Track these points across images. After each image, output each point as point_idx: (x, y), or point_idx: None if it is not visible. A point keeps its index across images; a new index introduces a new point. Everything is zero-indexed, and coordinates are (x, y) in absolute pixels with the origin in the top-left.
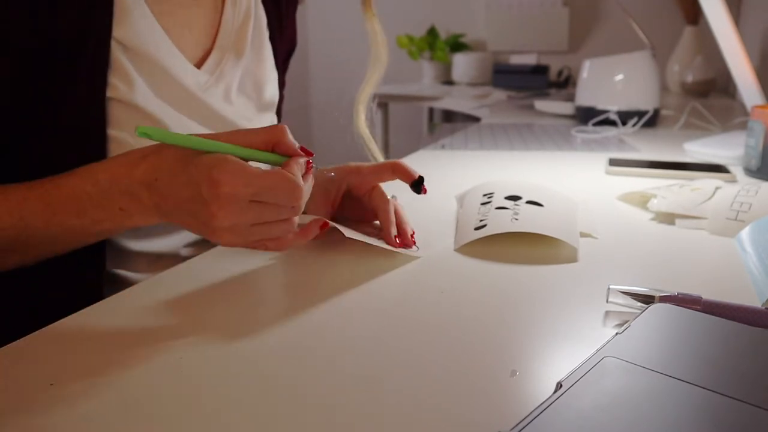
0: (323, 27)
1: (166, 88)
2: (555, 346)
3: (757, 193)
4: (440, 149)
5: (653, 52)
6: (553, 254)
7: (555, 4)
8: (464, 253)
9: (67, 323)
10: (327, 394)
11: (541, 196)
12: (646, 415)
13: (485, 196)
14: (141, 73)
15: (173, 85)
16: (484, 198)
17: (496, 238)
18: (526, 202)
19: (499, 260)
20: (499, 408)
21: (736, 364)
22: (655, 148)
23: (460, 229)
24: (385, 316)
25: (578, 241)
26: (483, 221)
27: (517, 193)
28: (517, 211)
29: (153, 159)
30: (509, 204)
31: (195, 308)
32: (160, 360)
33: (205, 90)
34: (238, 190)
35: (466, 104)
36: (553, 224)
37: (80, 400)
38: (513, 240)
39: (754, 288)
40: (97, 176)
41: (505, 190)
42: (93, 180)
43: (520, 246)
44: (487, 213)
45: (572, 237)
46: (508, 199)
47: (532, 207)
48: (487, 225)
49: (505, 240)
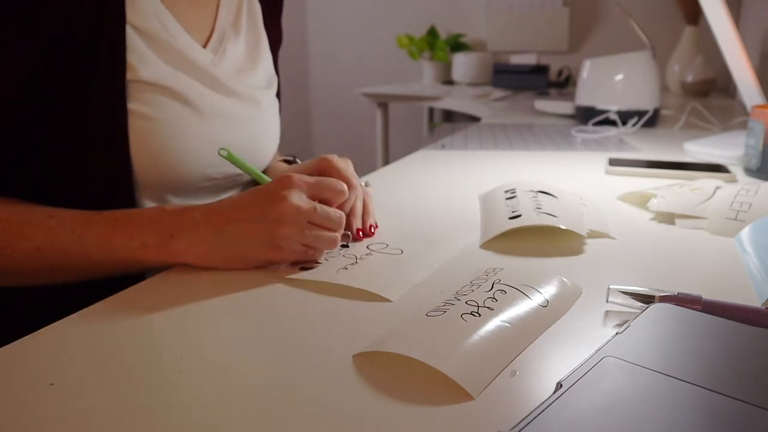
0: (323, 27)
1: (181, 66)
2: (555, 346)
3: (757, 193)
4: (440, 149)
5: (653, 52)
6: (561, 247)
7: (555, 4)
8: (472, 250)
9: (67, 323)
10: (328, 393)
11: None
12: (646, 415)
13: (507, 192)
14: (156, 53)
15: (187, 63)
16: (508, 194)
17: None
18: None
19: (502, 255)
20: (499, 408)
21: (736, 364)
22: (655, 148)
23: (489, 223)
24: (391, 314)
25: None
26: (516, 212)
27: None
28: (539, 202)
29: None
30: (531, 195)
31: (196, 308)
32: (161, 360)
33: (214, 66)
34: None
35: (466, 104)
36: (576, 218)
37: (80, 400)
38: (515, 234)
39: (754, 288)
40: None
41: (525, 187)
42: (158, 210)
43: (523, 241)
44: (517, 205)
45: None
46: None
47: (551, 198)
48: (521, 215)
49: (510, 234)
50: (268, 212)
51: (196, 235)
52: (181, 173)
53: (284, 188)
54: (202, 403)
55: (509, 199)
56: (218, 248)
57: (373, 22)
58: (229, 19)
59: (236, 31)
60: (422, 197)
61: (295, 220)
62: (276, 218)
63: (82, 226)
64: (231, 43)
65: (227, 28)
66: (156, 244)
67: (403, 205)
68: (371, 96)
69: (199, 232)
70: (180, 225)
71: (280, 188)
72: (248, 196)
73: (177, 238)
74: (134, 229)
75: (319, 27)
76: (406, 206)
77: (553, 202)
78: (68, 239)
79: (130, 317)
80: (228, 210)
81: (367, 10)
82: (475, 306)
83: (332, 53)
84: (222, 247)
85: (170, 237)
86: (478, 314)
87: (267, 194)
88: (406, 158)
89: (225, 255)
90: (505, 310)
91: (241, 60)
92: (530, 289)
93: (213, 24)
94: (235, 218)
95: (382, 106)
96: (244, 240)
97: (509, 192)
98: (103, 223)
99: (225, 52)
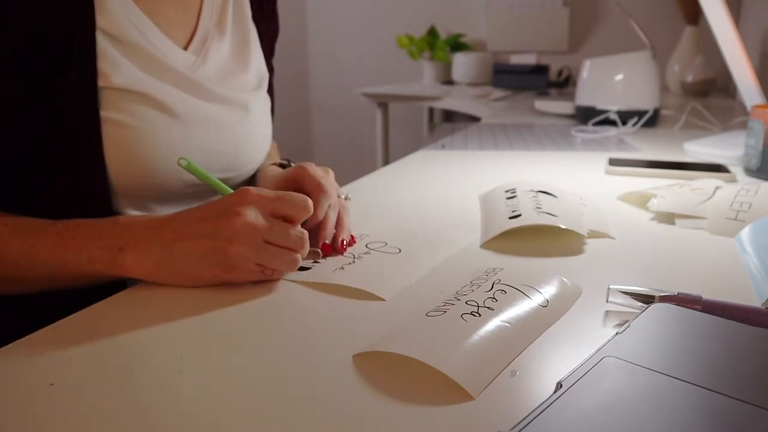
0: (323, 27)
1: (157, 72)
2: (555, 346)
3: (757, 192)
4: (440, 149)
5: (653, 52)
6: (561, 247)
7: (555, 4)
8: (472, 250)
9: (67, 323)
10: (328, 393)
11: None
12: (646, 415)
13: (508, 192)
14: (130, 59)
15: (163, 68)
16: (508, 194)
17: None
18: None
19: (502, 254)
20: (499, 408)
21: (736, 364)
22: (655, 148)
23: (489, 222)
24: (391, 314)
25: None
26: (516, 212)
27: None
28: (539, 202)
29: None
30: (531, 195)
31: (196, 308)
32: (161, 359)
33: (195, 70)
34: (261, 194)
35: (466, 104)
36: (576, 218)
37: (80, 400)
38: (515, 233)
39: (754, 288)
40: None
41: (525, 187)
42: (112, 220)
43: (523, 240)
44: (517, 205)
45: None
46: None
47: (551, 198)
48: (521, 215)
49: (510, 234)
50: (219, 229)
51: (145, 251)
52: (160, 180)
53: (239, 204)
54: (202, 403)
55: (509, 198)
56: (167, 265)
57: (373, 22)
58: (213, 19)
59: (221, 31)
60: (422, 197)
61: (248, 238)
62: (227, 236)
63: (33, 236)
64: (215, 43)
65: (211, 28)
66: (104, 258)
67: (403, 205)
68: (371, 96)
69: (149, 247)
70: (130, 238)
71: (235, 203)
72: (203, 210)
73: (126, 252)
74: (82, 242)
75: (319, 27)
76: (406, 206)
77: (553, 202)
78: (18, 250)
79: (130, 317)
80: (181, 224)
81: (367, 10)
82: (475, 306)
83: (332, 53)
84: (171, 264)
85: (119, 251)
86: (478, 314)
87: (221, 209)
88: (406, 158)
89: (174, 273)
90: (505, 310)
91: (227, 61)
92: (530, 289)
93: (196, 24)
94: (186, 234)
95: (382, 106)
96: (194, 258)
97: (509, 192)
98: (53, 234)
99: (208, 54)
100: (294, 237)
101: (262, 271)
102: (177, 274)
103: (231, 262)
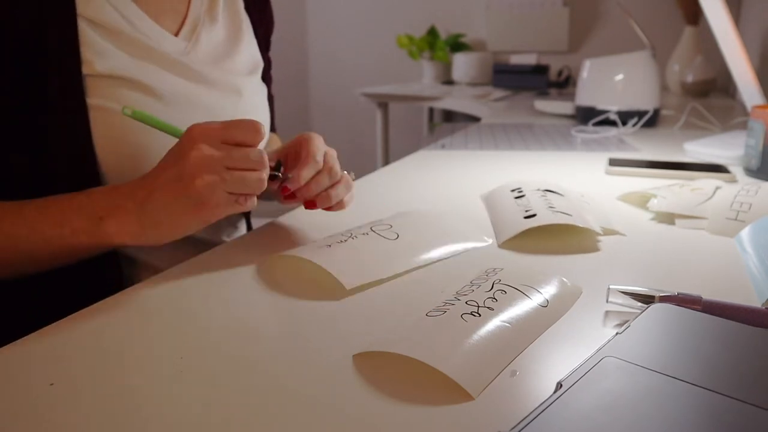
0: (323, 27)
1: (146, 57)
2: (555, 346)
3: (757, 193)
4: (440, 149)
5: (653, 52)
6: (561, 247)
7: (555, 4)
8: (472, 250)
9: (67, 323)
10: (328, 393)
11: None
12: (646, 415)
13: (514, 191)
14: (116, 45)
15: (152, 53)
16: (515, 193)
17: None
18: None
19: (501, 256)
20: (499, 408)
21: (736, 364)
22: (655, 148)
23: (503, 222)
24: (391, 314)
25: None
26: (530, 211)
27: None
28: (550, 201)
29: None
30: (539, 194)
31: (195, 308)
32: (161, 360)
33: (186, 55)
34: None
35: (466, 104)
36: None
37: (80, 400)
38: (521, 232)
39: (754, 288)
40: (91, 191)
41: (530, 186)
42: (86, 192)
43: (523, 240)
44: (529, 204)
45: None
46: (537, 191)
47: (559, 197)
48: (536, 215)
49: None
50: (181, 169)
51: (124, 215)
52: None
53: (192, 140)
54: (201, 403)
55: (518, 198)
56: (148, 223)
57: (373, 22)
58: (204, 6)
59: (212, 18)
60: (422, 197)
61: (209, 168)
62: (190, 173)
63: (12, 215)
64: (206, 29)
65: (202, 14)
66: (86, 228)
67: (403, 205)
68: (371, 96)
69: (127, 212)
70: (108, 206)
71: (187, 142)
72: (163, 161)
73: (106, 220)
74: (62, 215)
75: (319, 27)
76: (406, 206)
77: (562, 201)
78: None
79: (129, 317)
80: (149, 181)
81: (367, 10)
82: (475, 306)
83: (332, 53)
84: (150, 219)
85: (99, 220)
86: (478, 314)
87: (178, 152)
88: (406, 158)
89: (156, 226)
90: (505, 310)
91: (219, 47)
92: (530, 289)
93: (186, 11)
94: (155, 186)
95: (382, 106)
96: (169, 206)
97: (516, 191)
98: (32, 210)
99: (199, 40)
100: (254, 157)
101: (236, 199)
102: (159, 227)
103: (201, 197)
